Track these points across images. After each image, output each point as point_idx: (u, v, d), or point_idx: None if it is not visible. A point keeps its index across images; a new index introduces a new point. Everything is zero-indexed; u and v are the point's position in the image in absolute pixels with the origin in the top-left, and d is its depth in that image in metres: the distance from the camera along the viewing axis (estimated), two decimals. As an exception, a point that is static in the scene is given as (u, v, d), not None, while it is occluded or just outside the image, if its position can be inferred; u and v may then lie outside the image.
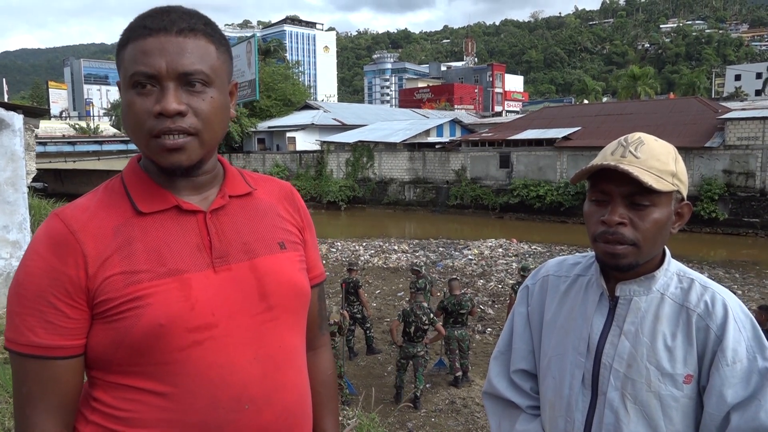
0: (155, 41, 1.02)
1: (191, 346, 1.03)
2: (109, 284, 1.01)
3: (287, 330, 1.15)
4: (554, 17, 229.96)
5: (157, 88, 1.02)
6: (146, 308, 1.00)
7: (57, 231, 1.03)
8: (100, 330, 1.03)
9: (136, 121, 1.02)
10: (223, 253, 1.09)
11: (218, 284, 1.07)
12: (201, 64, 1.04)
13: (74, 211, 1.06)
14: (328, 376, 1.35)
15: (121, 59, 1.05)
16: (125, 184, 1.11)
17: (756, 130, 22.48)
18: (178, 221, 1.08)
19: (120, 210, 1.07)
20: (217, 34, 1.09)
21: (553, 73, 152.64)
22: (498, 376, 1.48)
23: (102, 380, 1.06)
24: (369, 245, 20.08)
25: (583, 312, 1.33)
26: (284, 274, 1.14)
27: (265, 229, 1.17)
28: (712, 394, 1.19)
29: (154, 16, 1.04)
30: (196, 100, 1.03)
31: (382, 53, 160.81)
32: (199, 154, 1.06)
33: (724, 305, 1.22)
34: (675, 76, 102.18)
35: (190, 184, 1.11)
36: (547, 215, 26.53)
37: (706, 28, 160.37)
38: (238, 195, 1.17)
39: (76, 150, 39.69)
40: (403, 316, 7.52)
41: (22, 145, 7.33)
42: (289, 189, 1.28)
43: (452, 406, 7.55)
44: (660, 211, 1.22)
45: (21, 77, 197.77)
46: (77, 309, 1.02)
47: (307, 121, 41.00)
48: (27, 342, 1.01)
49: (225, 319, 1.06)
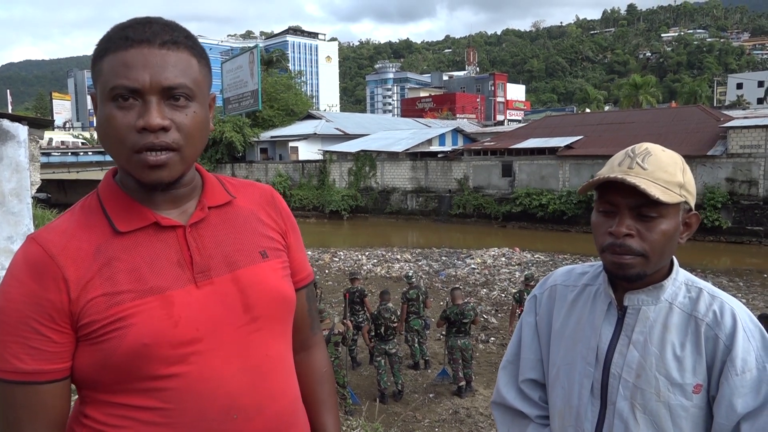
0: (137, 53, 0.99)
1: (177, 362, 1.03)
2: (92, 307, 1.00)
3: (272, 339, 1.15)
4: (556, 27, 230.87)
5: (139, 102, 0.99)
6: (129, 328, 1.00)
7: (36, 256, 1.01)
8: (86, 352, 1.02)
9: (117, 136, 0.99)
10: (205, 268, 1.08)
11: (201, 299, 1.06)
12: (184, 77, 1.01)
13: (51, 234, 1.04)
14: (323, 374, 1.34)
15: (98, 70, 1.02)
16: (102, 202, 1.09)
17: (758, 139, 22.47)
18: (158, 238, 1.07)
19: (98, 230, 1.05)
20: (198, 47, 1.07)
21: (554, 83, 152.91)
22: (506, 385, 1.48)
23: (92, 398, 1.06)
24: (372, 254, 20.07)
25: (592, 321, 1.33)
26: (267, 284, 1.14)
27: (246, 238, 1.15)
28: (722, 404, 1.19)
29: (136, 26, 1.01)
30: (179, 114, 1.01)
31: (384, 63, 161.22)
32: (180, 169, 1.04)
33: (732, 314, 1.22)
34: (677, 85, 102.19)
35: (168, 197, 1.09)
36: (549, 224, 26.49)
37: (707, 36, 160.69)
38: (218, 205, 1.15)
39: (80, 160, 39.86)
40: (373, 320, 8.26)
41: (27, 156, 7.36)
42: (269, 193, 1.27)
43: (456, 416, 7.51)
44: (668, 222, 1.22)
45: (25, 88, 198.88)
46: (62, 333, 1.01)
47: (310, 131, 41.10)
48: (12, 369, 1.00)
49: (209, 333, 1.05)
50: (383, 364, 8.03)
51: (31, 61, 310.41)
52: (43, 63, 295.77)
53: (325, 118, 45.94)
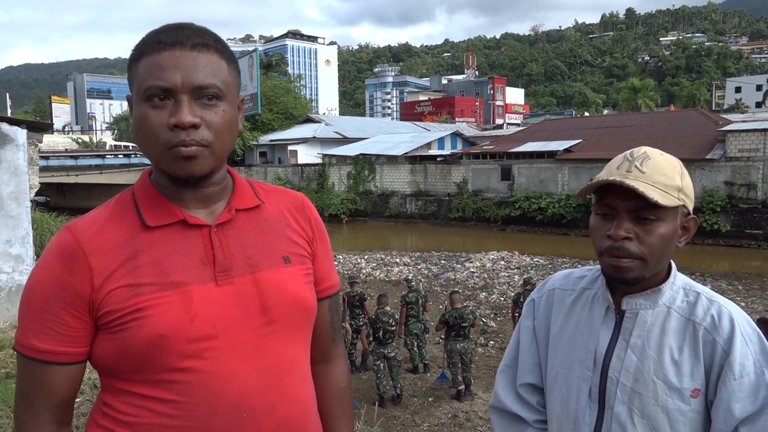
0: (170, 55, 1.04)
1: (192, 356, 1.06)
2: (113, 296, 1.05)
3: (289, 343, 1.16)
4: (554, 31, 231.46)
5: (171, 102, 1.04)
6: (147, 320, 1.04)
7: (66, 243, 1.07)
8: (105, 340, 1.07)
9: (151, 134, 1.05)
10: (227, 267, 1.11)
11: (220, 297, 1.09)
12: (214, 78, 1.06)
13: (85, 224, 1.10)
14: (342, 389, 1.35)
15: (134, 73, 1.08)
16: (135, 198, 1.14)
17: (757, 142, 22.50)
18: (184, 235, 1.11)
19: (128, 223, 1.10)
20: (227, 50, 1.12)
21: (553, 86, 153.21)
22: (504, 389, 1.48)
23: (111, 386, 1.11)
24: (371, 258, 20.05)
25: (590, 325, 1.33)
26: (286, 289, 1.15)
27: (271, 242, 1.18)
28: (720, 409, 1.18)
29: (168, 31, 1.07)
30: (209, 113, 1.06)
31: (383, 67, 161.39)
32: (210, 164, 1.08)
33: (730, 319, 1.22)
34: (675, 89, 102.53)
35: (198, 196, 1.13)
36: (549, 227, 26.49)
37: (705, 40, 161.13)
38: (246, 208, 1.18)
39: (79, 164, 39.86)
40: (371, 324, 8.25)
41: (26, 160, 7.36)
42: (300, 200, 1.29)
43: (455, 420, 7.50)
44: (666, 225, 1.22)
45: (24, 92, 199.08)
46: (79, 319, 1.06)
47: (309, 135, 41.12)
48: (30, 345, 1.07)
49: (225, 331, 1.08)
50: (382, 367, 8.01)
51: (30, 64, 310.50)
52: (42, 66, 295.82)
53: (324, 121, 45.99)
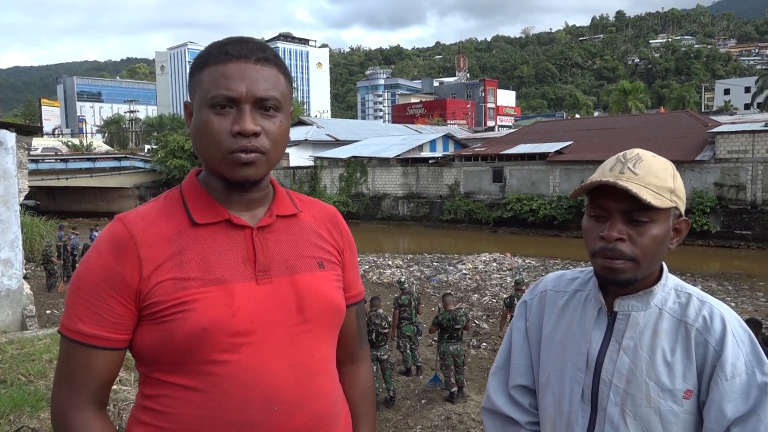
0: (236, 67, 1.12)
1: (230, 350, 1.11)
2: (160, 288, 1.11)
3: (321, 342, 1.23)
4: (545, 33, 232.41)
5: (234, 110, 1.12)
6: (192, 312, 1.10)
7: (118, 233, 1.14)
8: (148, 330, 1.13)
9: (212, 139, 1.12)
10: (266, 267, 1.18)
11: (259, 295, 1.15)
12: (274, 90, 1.15)
13: (136, 216, 1.17)
14: (367, 389, 1.44)
15: (198, 81, 1.15)
16: (183, 196, 1.21)
17: (746, 144, 22.71)
18: (228, 234, 1.18)
19: (177, 219, 1.17)
20: (284, 65, 1.21)
21: (544, 88, 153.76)
22: (497, 391, 1.47)
23: (148, 376, 1.17)
24: (363, 260, 20.03)
25: (582, 327, 1.33)
26: (321, 291, 1.23)
27: (307, 248, 1.26)
28: (712, 410, 1.19)
29: (234, 44, 1.15)
30: (269, 123, 1.14)
31: (374, 69, 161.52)
32: (264, 170, 1.17)
33: (722, 320, 1.23)
34: (665, 91, 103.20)
35: (244, 199, 1.20)
36: (540, 229, 26.59)
37: (694, 43, 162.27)
38: (285, 215, 1.26)
39: (69, 167, 39.57)
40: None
41: (15, 163, 7.30)
42: (333, 213, 1.39)
43: (448, 422, 7.50)
44: (658, 227, 1.22)
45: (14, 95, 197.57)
46: (125, 307, 1.12)
47: (301, 137, 41.08)
48: (75, 329, 1.12)
49: (263, 327, 1.14)
50: (375, 370, 8.00)
51: (19, 67, 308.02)
52: (32, 69, 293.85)
53: (316, 124, 45.98)
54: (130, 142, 73.73)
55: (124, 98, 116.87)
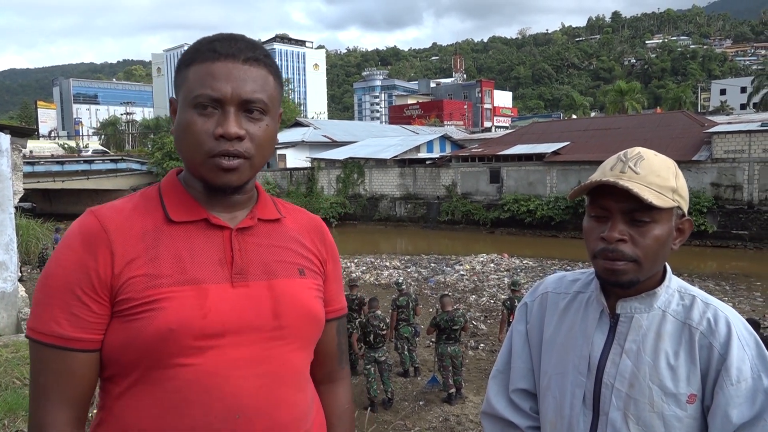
0: (223, 66, 1.08)
1: (194, 353, 1.06)
2: (132, 284, 1.05)
3: (294, 351, 1.17)
4: (541, 34, 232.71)
5: (218, 111, 1.08)
6: (161, 311, 1.04)
7: (90, 227, 1.08)
8: (116, 328, 1.07)
9: (194, 140, 1.08)
10: (243, 270, 1.13)
11: (233, 298, 1.10)
12: (262, 93, 1.10)
13: (109, 210, 1.11)
14: (344, 410, 1.37)
15: (183, 78, 1.11)
16: (161, 193, 1.16)
17: (742, 144, 22.75)
18: (205, 234, 1.13)
19: (152, 216, 1.12)
20: (274, 65, 1.16)
21: (541, 89, 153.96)
22: (497, 395, 1.44)
23: (107, 383, 1.11)
24: (360, 262, 20.02)
25: (584, 330, 1.30)
26: (299, 298, 1.18)
27: (287, 254, 1.21)
28: (717, 414, 1.16)
29: (223, 41, 1.10)
30: (254, 126, 1.10)
31: (371, 70, 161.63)
32: (247, 176, 1.12)
33: (727, 323, 1.20)
34: (661, 91, 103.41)
35: (225, 202, 1.15)
36: (538, 230, 26.60)
37: (690, 43, 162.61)
38: (267, 219, 1.21)
39: (65, 169, 39.48)
40: (361, 328, 8.22)
41: (9, 166, 7.27)
42: (318, 222, 1.34)
43: (446, 423, 7.48)
44: (661, 227, 1.19)
45: (9, 97, 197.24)
46: (100, 304, 1.06)
47: (298, 139, 41.07)
48: (49, 332, 1.05)
49: (233, 331, 1.09)
50: (372, 371, 7.99)
51: (15, 69, 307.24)
52: (28, 71, 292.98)
53: (312, 125, 45.96)
54: (126, 144, 73.58)
55: (120, 100, 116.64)
